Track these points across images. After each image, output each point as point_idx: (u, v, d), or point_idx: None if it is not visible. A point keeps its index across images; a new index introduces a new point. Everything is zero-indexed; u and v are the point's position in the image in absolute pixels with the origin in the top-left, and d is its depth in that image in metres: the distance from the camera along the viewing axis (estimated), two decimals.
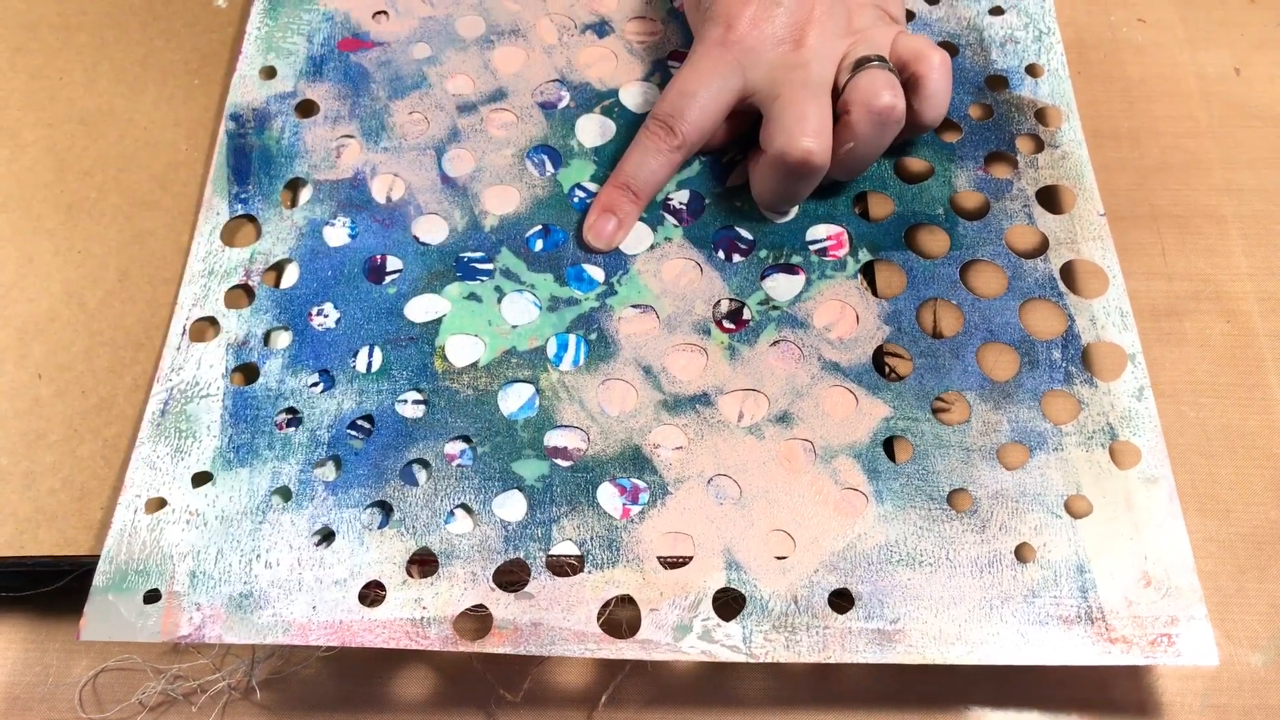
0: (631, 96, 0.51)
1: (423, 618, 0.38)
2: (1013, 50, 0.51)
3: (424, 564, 0.40)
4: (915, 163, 0.49)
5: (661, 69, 0.51)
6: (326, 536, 0.40)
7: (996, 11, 0.53)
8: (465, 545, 0.40)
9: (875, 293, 0.45)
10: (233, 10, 0.55)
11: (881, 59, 0.44)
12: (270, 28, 0.53)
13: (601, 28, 0.53)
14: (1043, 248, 0.46)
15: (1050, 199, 0.47)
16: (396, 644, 0.38)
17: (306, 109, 0.51)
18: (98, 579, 0.39)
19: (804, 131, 0.43)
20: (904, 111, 0.44)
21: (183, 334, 0.45)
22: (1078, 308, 0.44)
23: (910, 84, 0.45)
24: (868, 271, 0.46)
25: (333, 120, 0.50)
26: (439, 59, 0.52)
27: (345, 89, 0.51)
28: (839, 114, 0.45)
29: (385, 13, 0.54)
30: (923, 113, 0.45)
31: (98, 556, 0.40)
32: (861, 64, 0.44)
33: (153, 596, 0.39)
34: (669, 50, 0.52)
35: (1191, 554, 0.39)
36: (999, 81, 0.51)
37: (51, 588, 0.42)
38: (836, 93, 0.45)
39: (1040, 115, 0.50)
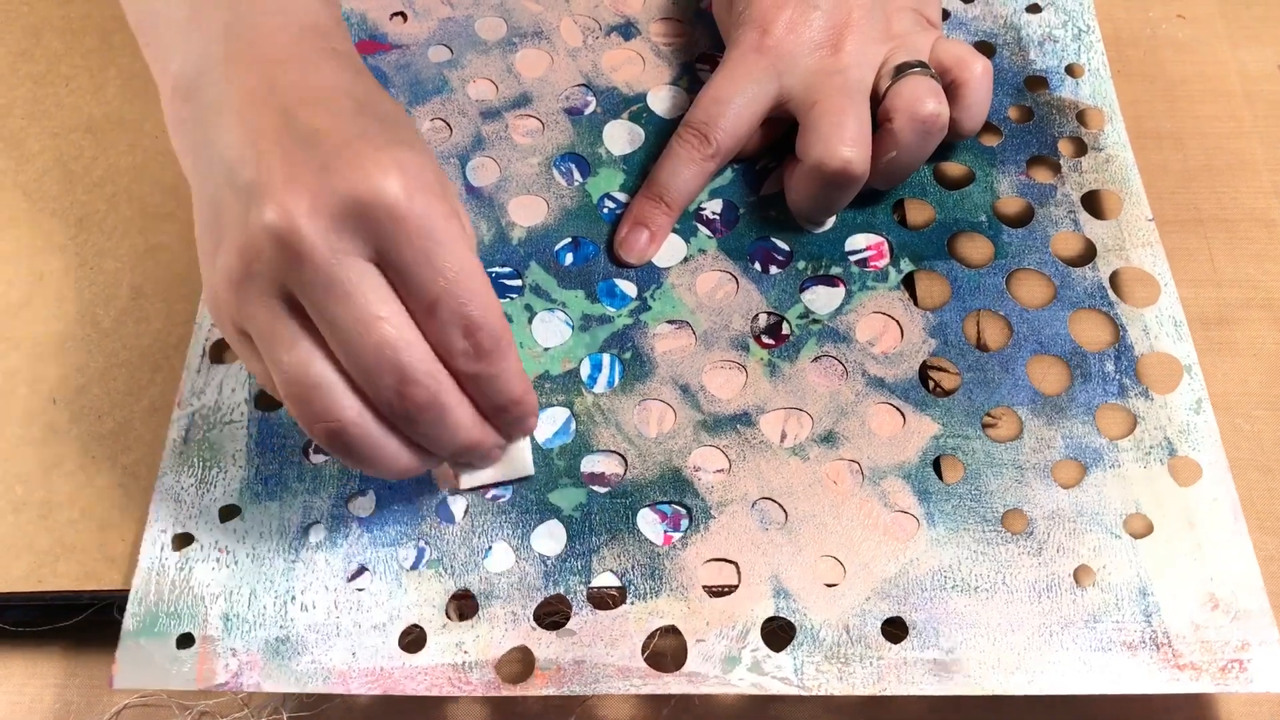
0: (660, 101, 0.49)
1: (464, 662, 0.37)
2: (1051, 49, 0.50)
3: (462, 599, 0.39)
4: (954, 168, 0.47)
5: (690, 72, 0.50)
6: (360, 573, 0.39)
7: (1034, 9, 0.51)
8: (504, 584, 0.38)
9: (915, 301, 0.44)
10: None
11: (924, 65, 0.43)
12: None
13: (627, 29, 0.51)
14: (1090, 255, 0.44)
15: (1095, 204, 0.46)
16: (439, 691, 0.36)
17: None
18: (128, 622, 0.38)
19: (842, 140, 0.42)
20: (948, 119, 0.43)
21: (202, 355, 0.43)
22: (1129, 317, 0.43)
23: (950, 91, 0.43)
24: (908, 282, 0.44)
25: None
26: (460, 62, 0.50)
27: None
28: (880, 122, 0.43)
29: (403, 14, 0.52)
30: (962, 121, 0.44)
31: (120, 590, 0.39)
32: (903, 70, 0.43)
33: (186, 641, 0.37)
34: (697, 52, 0.50)
35: (1260, 575, 0.37)
36: (1039, 82, 0.49)
37: (72, 621, 0.40)
38: (875, 100, 0.43)
39: (1082, 117, 0.48)
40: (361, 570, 0.39)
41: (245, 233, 0.31)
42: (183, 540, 0.39)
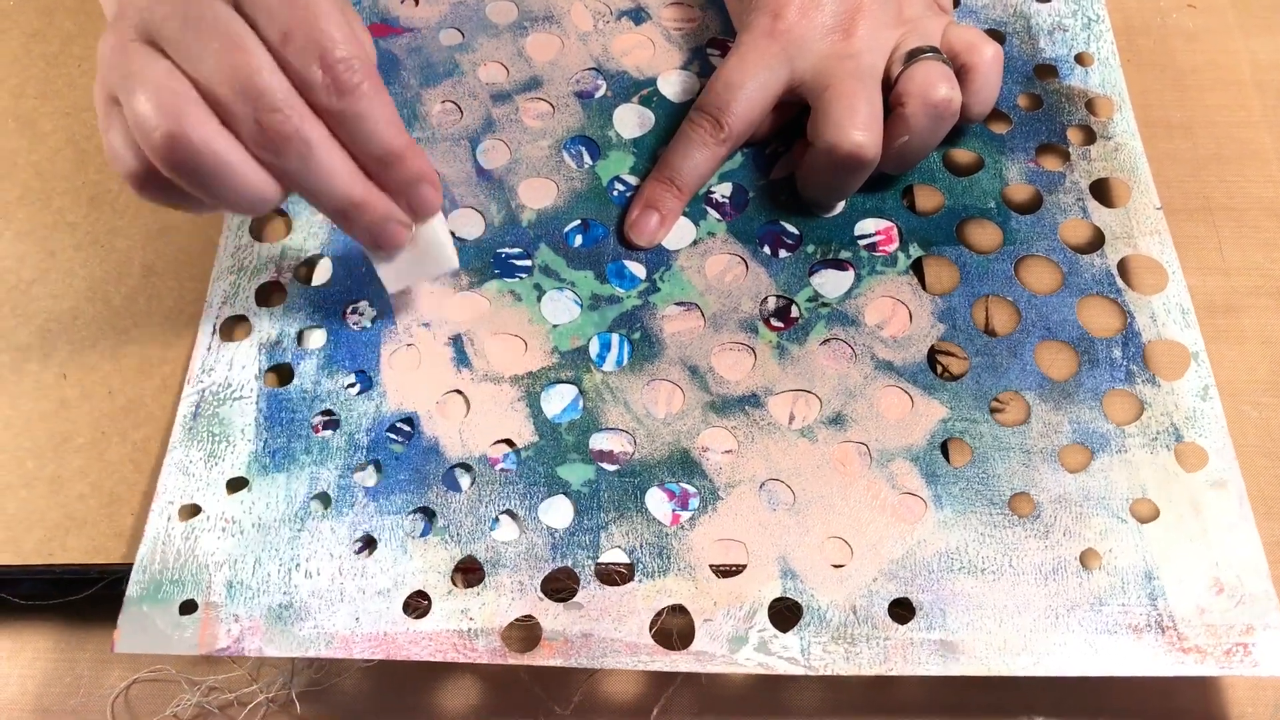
0: (670, 85, 0.49)
1: (470, 629, 0.37)
2: (1061, 38, 0.50)
3: (469, 571, 0.39)
4: (964, 154, 0.47)
5: (700, 57, 0.50)
6: (368, 544, 0.39)
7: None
8: (511, 554, 0.38)
9: (924, 285, 0.44)
10: None
11: (935, 50, 0.43)
12: None
13: (638, 14, 0.51)
14: (1098, 242, 0.44)
15: (1104, 192, 0.46)
16: (443, 657, 0.36)
17: None
18: (132, 589, 0.38)
19: (854, 124, 0.42)
20: (960, 104, 0.43)
21: (213, 333, 0.43)
22: (1137, 304, 0.43)
23: (960, 75, 0.44)
24: (917, 267, 0.44)
25: None
26: (471, 45, 0.50)
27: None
28: (891, 106, 0.43)
29: None
30: (971, 106, 0.44)
31: (128, 565, 0.39)
32: (915, 55, 0.43)
33: (189, 607, 0.37)
34: (708, 37, 0.50)
35: (1265, 560, 0.37)
36: (1048, 70, 0.49)
37: (81, 595, 0.41)
38: (887, 85, 0.44)
39: (1091, 105, 0.48)
40: (367, 538, 0.39)
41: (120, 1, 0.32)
42: (190, 511, 0.39)
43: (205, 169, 0.32)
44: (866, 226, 0.45)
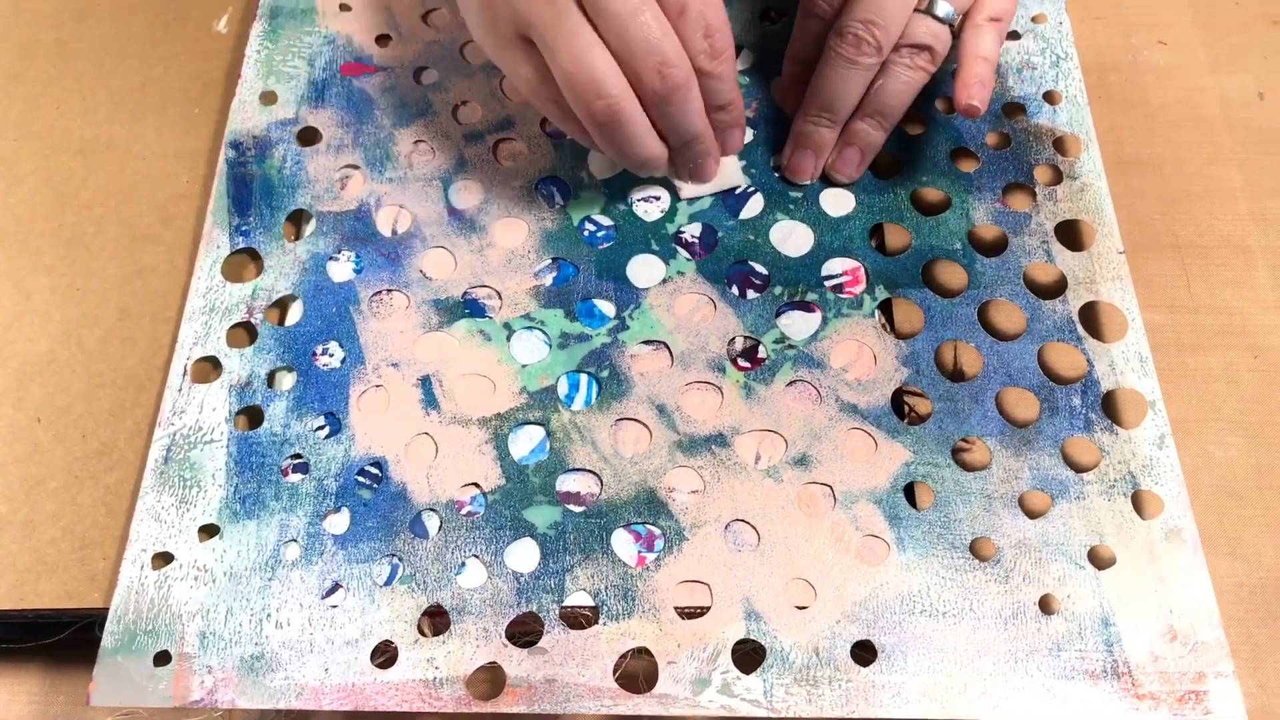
0: None
1: (435, 678, 0.37)
2: (1030, 76, 0.50)
3: (436, 616, 0.39)
4: (932, 193, 0.48)
5: None
6: (335, 589, 0.39)
7: (1013, 36, 0.52)
8: (477, 600, 0.39)
9: (893, 326, 0.44)
10: (233, 36, 0.54)
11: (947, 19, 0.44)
12: (270, 50, 0.52)
13: None
14: (1061, 286, 0.45)
15: (1069, 233, 0.46)
16: (410, 707, 0.37)
17: (309, 137, 0.50)
18: (106, 639, 0.38)
19: None
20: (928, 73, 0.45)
21: (184, 375, 0.43)
22: (1097, 353, 0.43)
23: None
24: (885, 306, 0.45)
25: (336, 149, 0.49)
26: (444, 85, 0.51)
27: (348, 115, 0.50)
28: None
29: (388, 36, 0.53)
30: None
31: (100, 609, 0.39)
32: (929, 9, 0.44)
33: (163, 658, 0.38)
34: None
35: (1217, 608, 0.38)
36: (1016, 109, 0.50)
37: (54, 639, 0.41)
38: None
39: (1059, 144, 0.48)
40: (336, 587, 0.39)
41: None
42: (162, 559, 0.40)
43: (625, 134, 0.41)
44: (834, 267, 0.46)
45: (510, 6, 0.39)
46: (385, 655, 0.38)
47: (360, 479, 0.41)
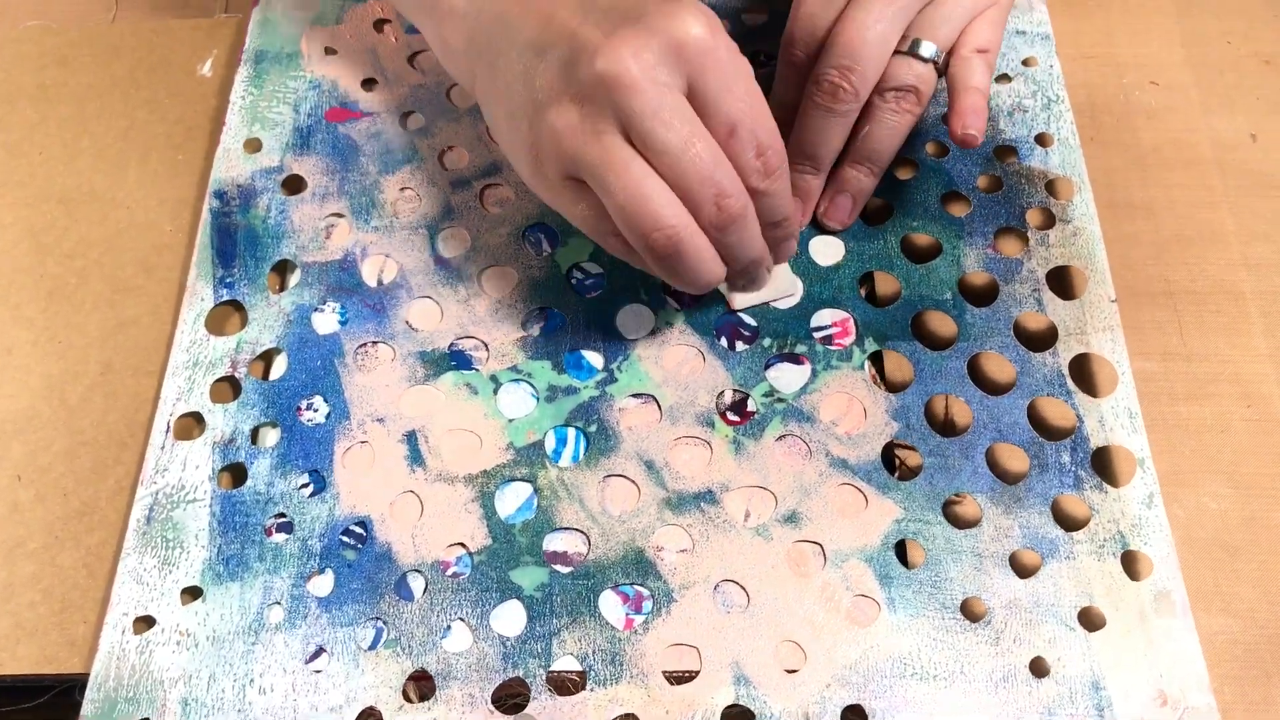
0: None
1: None
2: (1021, 119, 0.50)
3: (421, 680, 0.39)
4: (922, 238, 0.47)
5: None
6: (319, 654, 0.39)
7: (1004, 79, 0.51)
8: (463, 665, 0.38)
9: (883, 377, 0.44)
10: (217, 79, 0.53)
11: (933, 59, 0.43)
12: (255, 96, 0.51)
13: None
14: (1052, 337, 0.44)
15: (1061, 279, 0.46)
16: None
17: (294, 185, 0.49)
18: (86, 708, 0.38)
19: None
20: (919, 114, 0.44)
21: (166, 431, 0.43)
22: (1087, 408, 0.43)
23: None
24: (875, 357, 0.44)
25: (321, 197, 0.49)
26: (431, 130, 0.51)
27: (334, 163, 0.49)
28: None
29: (374, 80, 0.52)
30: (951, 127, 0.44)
31: (81, 674, 0.39)
32: (913, 50, 0.43)
33: None
34: None
35: (1207, 672, 0.37)
36: (1007, 151, 0.49)
37: (34, 703, 0.40)
38: None
39: (1051, 187, 0.48)
40: (320, 651, 0.39)
41: (578, 85, 0.37)
42: (144, 623, 0.39)
43: (686, 262, 0.38)
44: (823, 318, 0.45)
45: (556, 148, 0.38)
46: None
47: (345, 539, 0.41)
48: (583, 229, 0.41)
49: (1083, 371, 0.44)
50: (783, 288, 0.45)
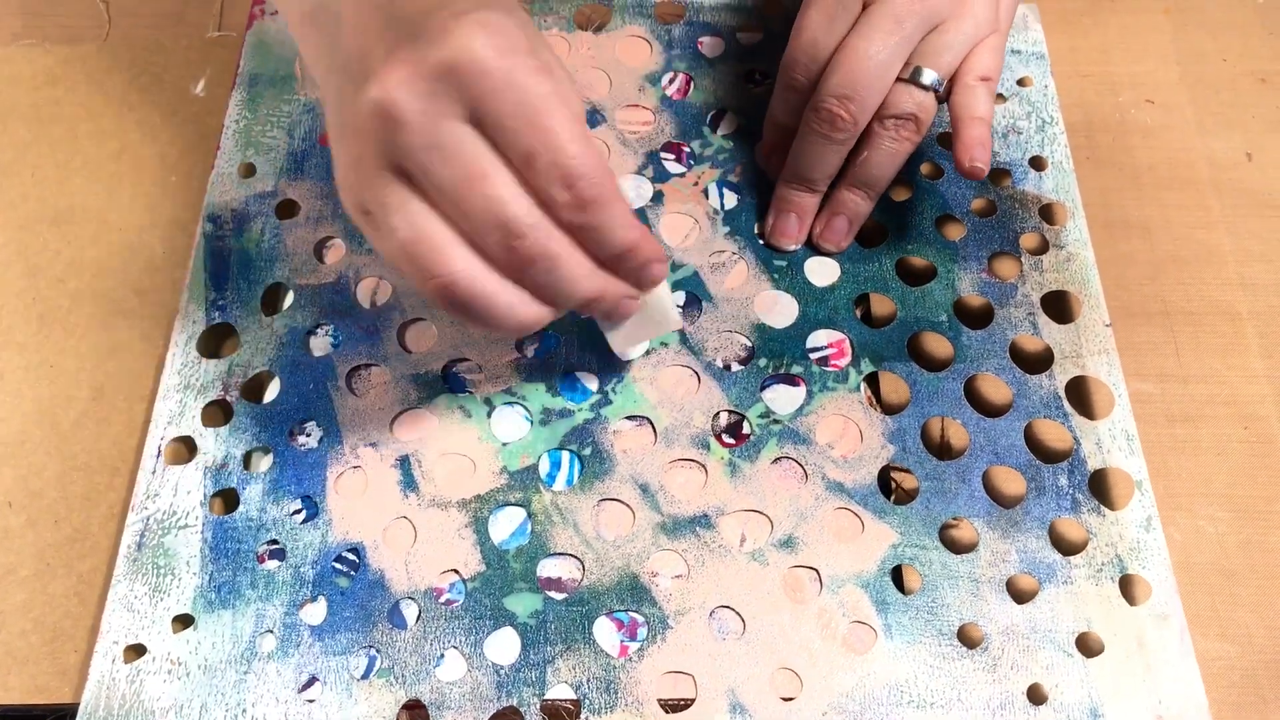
0: (624, 190, 0.49)
1: None
2: (1015, 141, 0.50)
3: (414, 709, 0.38)
4: (917, 261, 0.47)
5: (655, 162, 0.50)
6: (311, 683, 0.38)
7: (998, 99, 0.51)
8: (456, 694, 0.38)
9: (879, 398, 0.44)
10: (211, 99, 0.53)
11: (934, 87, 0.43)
12: (249, 120, 0.51)
13: (592, 116, 0.51)
14: (1048, 360, 0.44)
15: (1056, 304, 0.46)
16: None
17: (287, 209, 0.49)
18: None
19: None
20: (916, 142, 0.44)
21: (157, 456, 0.43)
22: (1083, 430, 0.42)
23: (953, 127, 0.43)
24: (871, 378, 0.44)
25: (315, 221, 0.48)
26: None
27: (328, 187, 0.49)
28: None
29: None
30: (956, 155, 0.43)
31: (71, 704, 0.38)
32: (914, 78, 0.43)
33: None
34: (662, 141, 0.50)
35: (1206, 698, 0.37)
36: (1002, 174, 0.49)
37: None
38: None
39: (1045, 211, 0.48)
40: (312, 681, 0.38)
41: (356, 115, 0.32)
42: (134, 652, 0.39)
43: (475, 311, 0.34)
44: (819, 339, 0.45)
45: (342, 185, 0.34)
46: None
47: (337, 566, 0.41)
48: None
49: (1079, 393, 0.44)
50: (659, 323, 0.40)
